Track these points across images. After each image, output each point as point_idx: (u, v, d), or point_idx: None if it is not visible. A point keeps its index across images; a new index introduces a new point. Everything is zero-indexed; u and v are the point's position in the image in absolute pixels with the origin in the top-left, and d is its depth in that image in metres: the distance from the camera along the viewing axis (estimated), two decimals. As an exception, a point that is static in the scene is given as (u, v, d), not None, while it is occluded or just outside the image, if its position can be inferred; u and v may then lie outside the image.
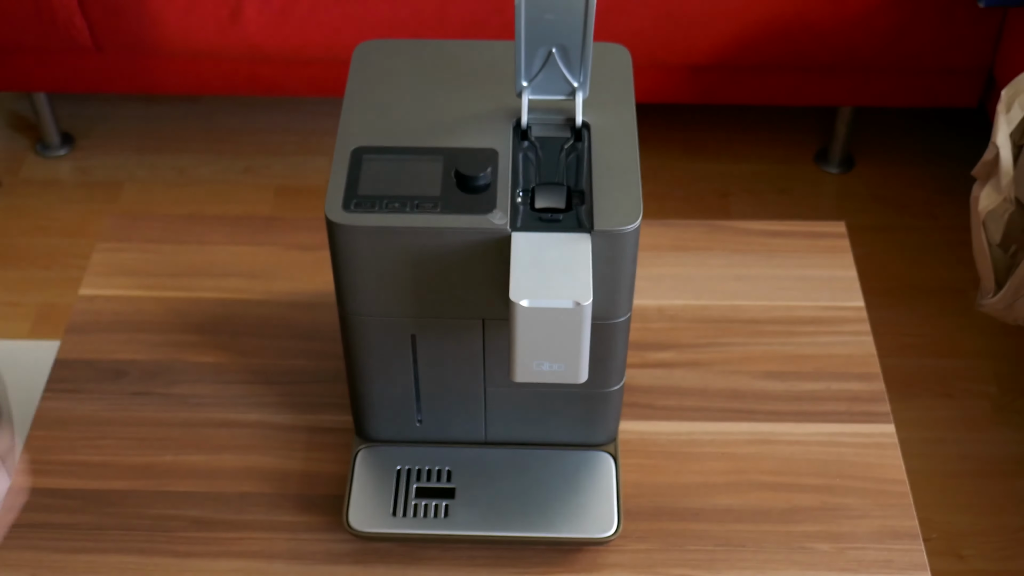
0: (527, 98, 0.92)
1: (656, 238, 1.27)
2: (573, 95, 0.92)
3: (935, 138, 2.43)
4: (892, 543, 1.02)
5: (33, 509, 1.05)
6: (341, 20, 2.07)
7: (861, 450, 1.08)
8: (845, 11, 2.05)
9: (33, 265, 2.10)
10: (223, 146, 2.39)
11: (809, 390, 1.13)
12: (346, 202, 0.87)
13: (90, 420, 1.12)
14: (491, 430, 1.04)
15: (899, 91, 2.21)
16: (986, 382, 1.97)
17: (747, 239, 1.28)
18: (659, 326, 1.19)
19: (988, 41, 2.08)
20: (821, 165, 2.39)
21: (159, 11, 2.06)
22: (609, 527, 1.00)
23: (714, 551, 1.01)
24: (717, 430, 1.10)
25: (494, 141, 0.91)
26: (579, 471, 1.03)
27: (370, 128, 0.93)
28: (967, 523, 1.78)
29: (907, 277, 2.16)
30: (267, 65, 2.18)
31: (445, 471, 1.04)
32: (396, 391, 1.00)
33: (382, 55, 1.00)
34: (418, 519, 1.00)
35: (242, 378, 1.15)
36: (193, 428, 1.11)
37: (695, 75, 2.18)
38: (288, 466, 1.08)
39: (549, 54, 0.90)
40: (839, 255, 1.25)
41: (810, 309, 1.20)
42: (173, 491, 1.06)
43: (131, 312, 1.21)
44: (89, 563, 1.01)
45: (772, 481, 1.06)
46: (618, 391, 1.01)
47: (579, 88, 0.92)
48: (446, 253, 0.87)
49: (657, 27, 2.07)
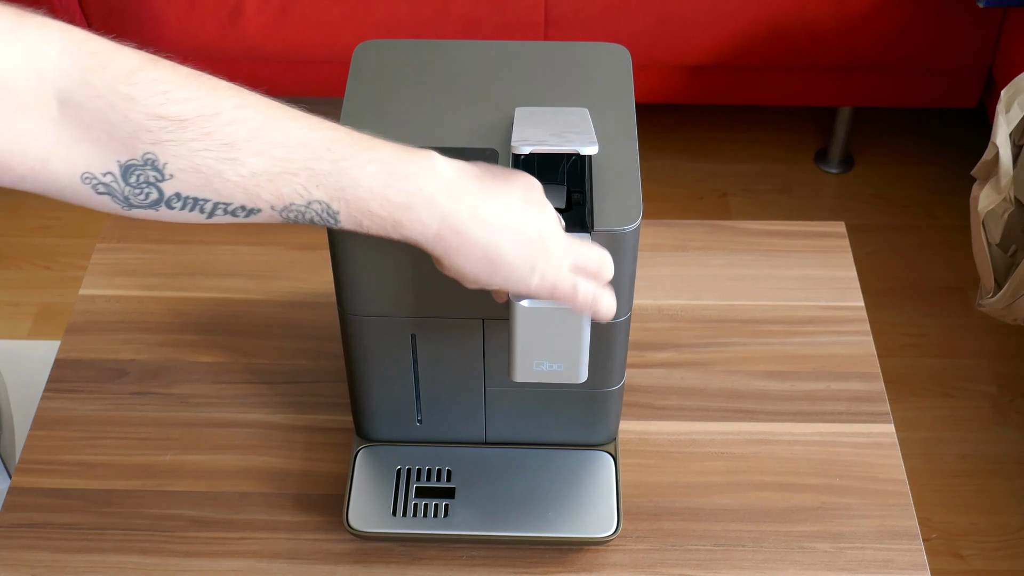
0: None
1: (656, 238, 1.27)
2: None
3: (935, 138, 2.43)
4: (892, 543, 1.02)
5: (33, 509, 1.05)
6: (341, 20, 2.07)
7: (861, 450, 1.08)
8: (845, 11, 2.05)
9: (33, 265, 2.10)
10: (223, 146, 2.39)
11: (809, 390, 1.13)
12: (346, 202, 0.87)
13: (90, 420, 1.12)
14: (491, 430, 1.04)
15: (899, 91, 2.21)
16: (986, 382, 1.97)
17: (747, 239, 1.28)
18: (659, 326, 1.19)
19: (988, 41, 2.08)
20: (821, 165, 2.39)
21: (159, 11, 2.06)
22: (609, 527, 1.00)
23: (714, 551, 1.01)
24: (717, 430, 1.10)
25: (494, 141, 0.91)
26: (579, 471, 1.03)
27: (370, 128, 0.93)
28: (967, 523, 1.78)
29: (907, 277, 2.16)
30: (267, 65, 2.18)
31: (445, 471, 1.04)
32: (396, 391, 1.00)
33: (382, 55, 1.00)
34: (418, 519, 1.00)
35: (242, 378, 1.15)
36: (193, 428, 1.11)
37: (695, 75, 2.18)
38: (288, 466, 1.08)
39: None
40: (839, 255, 1.25)
41: (810, 309, 1.20)
42: (173, 491, 1.06)
43: (131, 312, 1.21)
44: (89, 563, 1.01)
45: (772, 481, 1.06)
46: (618, 391, 1.01)
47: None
48: (446, 253, 0.87)
49: (657, 27, 2.07)
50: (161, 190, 0.70)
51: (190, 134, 0.69)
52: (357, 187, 0.74)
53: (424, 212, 0.75)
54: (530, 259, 0.78)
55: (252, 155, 0.71)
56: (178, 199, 0.71)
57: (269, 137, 0.72)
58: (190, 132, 0.69)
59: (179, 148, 0.69)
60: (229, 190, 0.71)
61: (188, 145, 0.69)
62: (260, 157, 0.71)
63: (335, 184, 0.73)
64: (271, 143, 0.72)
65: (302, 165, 0.72)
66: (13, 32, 0.66)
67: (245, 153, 0.71)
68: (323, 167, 0.73)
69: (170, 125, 0.68)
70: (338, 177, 0.73)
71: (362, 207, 0.75)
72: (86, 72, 0.67)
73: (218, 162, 0.70)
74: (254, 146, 0.71)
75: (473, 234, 0.76)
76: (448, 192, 0.76)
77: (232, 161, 0.71)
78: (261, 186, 0.72)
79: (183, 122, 0.69)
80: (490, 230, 0.77)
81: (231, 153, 0.70)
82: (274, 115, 0.73)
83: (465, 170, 0.77)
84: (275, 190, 0.72)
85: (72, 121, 0.67)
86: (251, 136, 0.71)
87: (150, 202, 0.70)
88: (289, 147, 0.72)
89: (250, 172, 0.71)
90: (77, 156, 0.68)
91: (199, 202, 0.71)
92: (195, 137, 0.69)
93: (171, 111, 0.68)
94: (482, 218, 0.76)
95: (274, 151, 0.72)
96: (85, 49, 0.68)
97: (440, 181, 0.76)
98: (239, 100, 0.72)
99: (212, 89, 0.72)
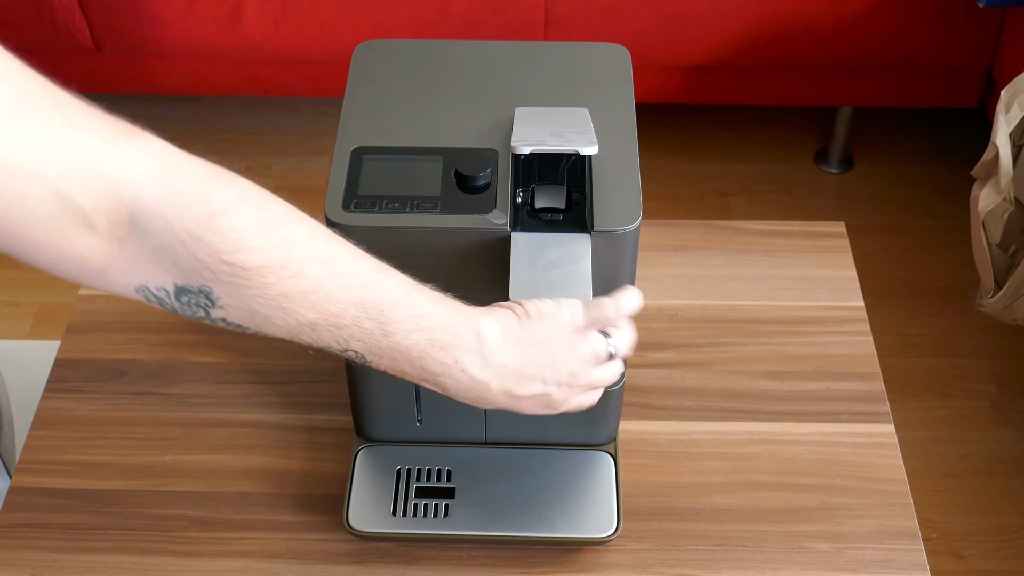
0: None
1: (656, 238, 1.27)
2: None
3: (935, 138, 2.43)
4: (892, 543, 1.02)
5: (33, 509, 1.05)
6: (341, 20, 2.07)
7: (861, 450, 1.08)
8: (845, 11, 2.05)
9: (33, 265, 2.10)
10: (223, 146, 2.39)
11: (809, 390, 1.13)
12: (346, 202, 0.87)
13: (90, 420, 1.12)
14: (491, 430, 1.04)
15: (899, 91, 2.21)
16: (986, 382, 1.97)
17: (747, 239, 1.28)
18: (659, 326, 1.19)
19: (988, 41, 2.08)
20: (821, 165, 2.39)
21: (159, 11, 2.06)
22: (609, 527, 1.00)
23: (714, 551, 1.01)
24: (717, 430, 1.10)
25: (494, 141, 0.91)
26: (579, 471, 1.03)
27: (370, 128, 0.93)
28: (967, 523, 1.78)
29: (907, 277, 2.16)
30: (267, 65, 2.18)
31: (445, 471, 1.04)
32: (396, 391, 1.00)
33: (382, 55, 1.00)
34: (418, 519, 1.00)
35: (242, 378, 1.15)
36: (193, 428, 1.11)
37: (695, 75, 2.18)
38: (288, 466, 1.08)
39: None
40: (839, 255, 1.25)
41: (810, 309, 1.20)
42: (173, 491, 1.06)
43: (131, 312, 1.21)
44: (89, 563, 1.01)
45: (772, 481, 1.06)
46: (618, 391, 1.01)
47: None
48: (446, 253, 0.87)
49: (657, 27, 2.07)
50: (209, 314, 0.73)
51: (250, 282, 0.71)
52: (395, 351, 0.77)
53: (451, 382, 0.79)
54: (543, 405, 0.84)
55: (306, 309, 0.73)
56: (224, 322, 0.74)
57: (327, 293, 0.74)
58: (251, 280, 0.71)
59: (236, 291, 0.71)
60: (273, 331, 0.75)
61: (246, 291, 0.71)
62: (313, 311, 0.74)
63: (376, 344, 0.76)
64: (327, 299, 0.74)
65: (351, 322, 0.75)
66: (102, 153, 0.66)
67: (299, 306, 0.73)
68: (369, 327, 0.75)
69: (233, 271, 0.70)
70: (380, 339, 0.76)
71: (396, 367, 0.78)
72: (165, 206, 0.68)
73: (271, 309, 0.73)
74: (310, 300, 0.73)
75: (494, 399, 0.81)
76: (483, 364, 0.79)
77: (284, 311, 0.73)
78: (305, 333, 0.75)
79: (246, 271, 0.70)
80: (510, 398, 0.81)
81: (285, 303, 0.73)
82: (339, 270, 0.75)
83: (507, 332, 0.80)
84: (317, 337, 0.75)
85: (138, 243, 0.69)
86: (310, 291, 0.73)
87: (196, 317, 0.73)
88: (344, 304, 0.75)
89: (297, 322, 0.74)
90: (136, 272, 0.70)
91: (242, 328, 0.74)
92: (254, 285, 0.71)
93: (237, 259, 0.70)
94: (507, 389, 0.80)
95: (328, 307, 0.74)
96: (171, 185, 0.68)
97: (478, 354, 0.78)
98: (309, 252, 0.74)
99: (285, 239, 0.73)
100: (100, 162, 0.65)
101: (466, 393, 0.81)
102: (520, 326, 0.80)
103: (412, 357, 0.77)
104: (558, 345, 0.81)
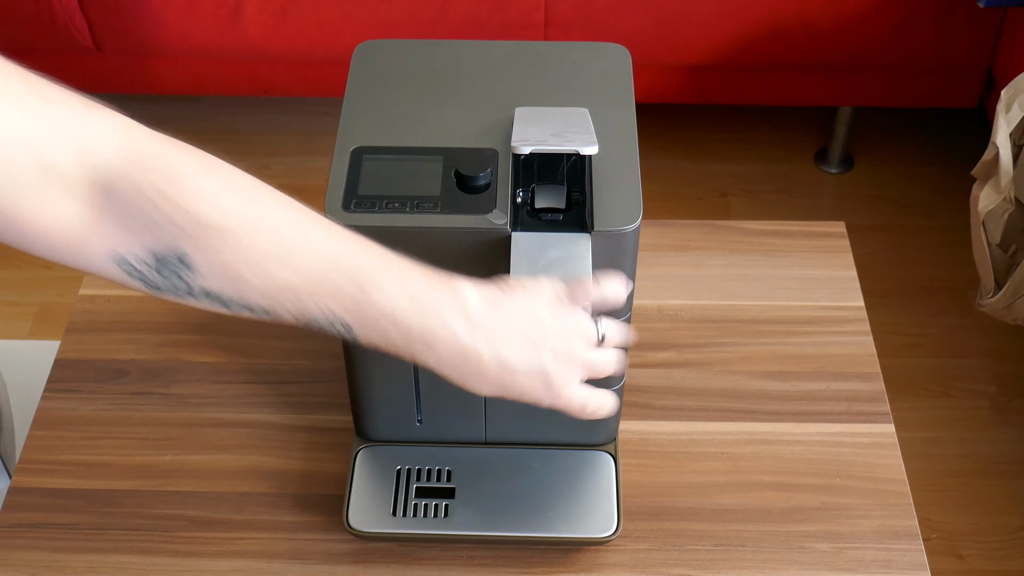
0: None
1: (656, 238, 1.27)
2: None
3: (935, 138, 2.43)
4: (892, 543, 1.02)
5: (33, 509, 1.05)
6: (341, 20, 2.07)
7: (861, 450, 1.08)
8: (845, 11, 2.05)
9: (33, 265, 2.10)
10: (223, 146, 2.38)
11: (809, 390, 1.13)
12: (346, 202, 0.87)
13: (90, 420, 1.12)
14: (491, 430, 1.04)
15: (899, 91, 2.21)
16: (986, 382, 1.97)
17: (747, 239, 1.28)
18: (659, 326, 1.19)
19: (988, 41, 2.08)
20: (821, 165, 2.39)
21: (159, 11, 2.06)
22: (609, 527, 1.00)
23: (714, 551, 1.01)
24: (717, 430, 1.10)
25: (494, 141, 0.91)
26: (579, 471, 1.03)
27: (370, 128, 0.93)
28: (967, 523, 1.78)
29: (907, 277, 2.16)
30: (267, 65, 2.18)
31: (445, 471, 1.04)
32: (396, 391, 1.00)
33: (382, 55, 1.00)
34: (418, 519, 1.00)
35: (242, 378, 1.15)
36: (193, 428, 1.11)
37: (695, 75, 2.18)
38: (288, 466, 1.08)
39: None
40: (839, 255, 1.25)
41: (810, 309, 1.20)
42: (173, 491, 1.06)
43: (131, 312, 1.21)
44: (89, 563, 1.01)
45: (772, 481, 1.06)
46: (618, 391, 1.01)
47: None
48: (446, 253, 0.87)
49: (657, 27, 2.07)
50: (189, 284, 0.73)
51: (226, 244, 0.71)
52: (381, 318, 0.76)
53: (443, 349, 0.78)
54: (544, 385, 0.81)
55: (284, 270, 0.73)
56: (205, 295, 0.73)
57: (304, 256, 0.74)
58: (227, 242, 0.71)
59: (213, 255, 0.71)
60: (255, 298, 0.74)
61: (222, 255, 0.71)
62: (293, 274, 0.74)
63: (361, 312, 0.76)
64: (305, 263, 0.74)
65: (333, 289, 0.75)
66: (75, 122, 0.68)
67: (278, 268, 0.73)
68: (352, 292, 0.75)
69: (208, 232, 0.71)
70: (366, 306, 0.75)
71: (384, 337, 0.77)
72: (133, 169, 0.69)
73: (249, 272, 0.73)
74: (288, 264, 0.73)
75: (489, 372, 0.79)
76: (470, 329, 0.77)
77: (263, 275, 0.73)
78: (287, 299, 0.74)
79: (220, 231, 0.71)
80: (506, 370, 0.79)
81: (264, 266, 0.73)
82: (312, 232, 0.75)
83: (491, 299, 0.79)
84: (300, 306, 0.75)
85: (114, 210, 0.70)
86: (287, 253, 0.73)
87: (179, 292, 0.73)
88: (324, 269, 0.74)
89: (278, 287, 0.74)
90: (113, 240, 0.71)
91: (224, 301, 0.74)
92: (230, 248, 0.71)
93: (210, 219, 0.71)
94: (501, 358, 0.79)
95: (308, 271, 0.74)
96: (140, 148, 0.70)
97: (463, 315, 0.77)
98: (282, 216, 0.74)
99: (256, 200, 0.74)
100: (75, 130, 0.68)
101: (461, 366, 0.79)
102: (503, 294, 0.80)
103: (399, 323, 0.76)
104: (543, 312, 0.80)
